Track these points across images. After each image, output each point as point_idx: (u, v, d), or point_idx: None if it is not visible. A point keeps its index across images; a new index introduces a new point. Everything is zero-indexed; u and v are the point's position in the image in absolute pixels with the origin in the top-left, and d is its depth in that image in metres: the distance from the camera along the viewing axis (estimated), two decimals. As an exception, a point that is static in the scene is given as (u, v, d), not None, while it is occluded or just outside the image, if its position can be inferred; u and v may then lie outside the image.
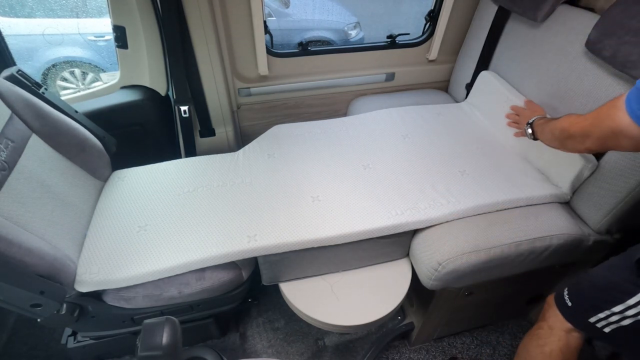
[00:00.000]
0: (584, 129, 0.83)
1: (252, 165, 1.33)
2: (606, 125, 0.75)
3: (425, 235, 1.14)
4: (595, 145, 0.81)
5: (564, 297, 0.92)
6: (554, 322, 0.94)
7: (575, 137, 0.86)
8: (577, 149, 0.90)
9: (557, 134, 0.96)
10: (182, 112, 1.46)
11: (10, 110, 0.99)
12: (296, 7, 2.86)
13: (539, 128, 1.08)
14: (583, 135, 0.83)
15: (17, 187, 0.92)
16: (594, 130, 0.79)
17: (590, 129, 0.80)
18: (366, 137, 1.46)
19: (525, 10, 1.33)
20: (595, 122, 0.79)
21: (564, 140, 0.93)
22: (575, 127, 0.86)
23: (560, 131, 0.94)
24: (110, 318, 1.10)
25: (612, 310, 0.79)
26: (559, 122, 0.95)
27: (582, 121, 0.84)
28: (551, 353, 0.91)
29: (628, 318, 0.78)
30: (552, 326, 0.94)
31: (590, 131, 0.81)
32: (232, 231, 1.09)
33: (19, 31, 2.57)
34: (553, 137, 0.99)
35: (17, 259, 0.80)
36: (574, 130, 0.87)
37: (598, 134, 0.78)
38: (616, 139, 0.74)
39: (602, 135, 0.77)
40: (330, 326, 1.12)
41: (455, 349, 1.50)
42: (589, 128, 0.81)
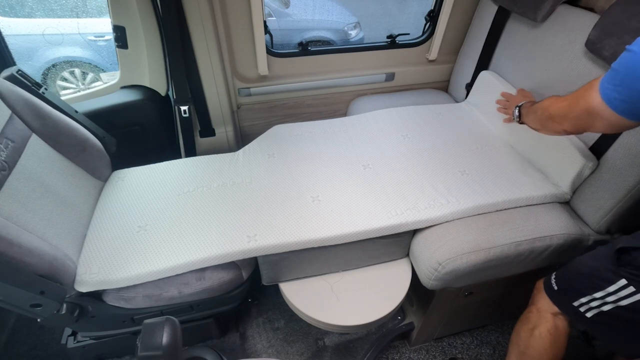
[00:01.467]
0: (562, 109, 0.84)
1: (252, 165, 1.33)
2: (581, 105, 0.77)
3: (425, 235, 1.14)
4: (572, 126, 0.83)
5: (551, 282, 0.97)
6: (542, 305, 1.00)
7: (554, 117, 0.87)
8: (555, 129, 0.90)
9: (538, 114, 0.98)
10: (182, 112, 1.46)
11: (10, 110, 0.99)
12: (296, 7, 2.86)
13: (525, 111, 1.11)
14: (561, 115, 0.84)
15: (17, 187, 0.92)
16: (571, 111, 0.81)
17: (567, 110, 0.82)
18: (366, 137, 1.46)
19: (525, 10, 1.33)
20: (572, 102, 0.81)
21: (544, 121, 0.94)
22: (554, 106, 0.88)
23: (541, 111, 0.96)
24: (110, 318, 1.10)
25: (594, 295, 0.84)
26: (541, 102, 0.98)
27: (561, 101, 0.86)
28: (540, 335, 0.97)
29: (608, 304, 0.82)
30: (540, 309, 0.99)
31: (567, 112, 0.82)
32: (232, 231, 1.09)
33: (19, 31, 2.57)
34: (535, 117, 1.01)
35: (17, 258, 0.80)
36: (553, 109, 0.89)
37: (574, 114, 0.80)
38: (590, 119, 0.76)
39: (577, 116, 0.79)
40: (330, 326, 1.12)
41: (455, 349, 1.50)
42: (566, 108, 0.83)
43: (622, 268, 0.79)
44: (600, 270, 0.83)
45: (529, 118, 1.06)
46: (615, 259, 0.80)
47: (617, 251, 0.80)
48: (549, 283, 0.98)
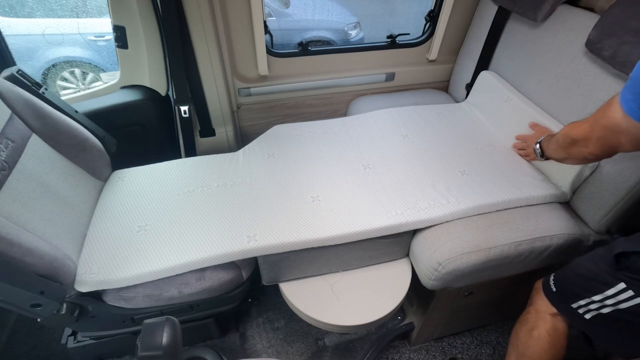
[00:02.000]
0: (584, 131, 0.81)
1: (252, 165, 1.33)
2: (603, 123, 0.75)
3: (425, 235, 1.14)
4: (597, 148, 0.79)
5: (549, 283, 0.97)
6: (540, 306, 0.99)
7: (578, 141, 0.84)
8: (582, 154, 0.85)
9: (560, 141, 0.94)
10: (182, 112, 1.46)
11: (11, 110, 0.99)
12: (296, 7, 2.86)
13: (546, 144, 1.07)
14: (584, 138, 0.81)
15: (17, 187, 0.92)
16: (593, 132, 0.78)
17: (590, 131, 0.79)
18: (366, 137, 1.46)
19: (525, 10, 1.33)
20: (593, 123, 0.78)
21: (567, 148, 0.90)
22: (575, 130, 0.85)
23: (563, 138, 0.92)
24: (110, 318, 1.10)
25: (592, 298, 0.84)
26: (560, 130, 0.95)
27: (582, 124, 0.83)
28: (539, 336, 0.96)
29: (607, 307, 0.82)
30: (539, 310, 0.99)
31: (589, 133, 0.79)
32: (232, 231, 1.09)
33: (19, 31, 2.57)
34: (558, 146, 0.96)
35: (17, 258, 0.80)
36: (574, 134, 0.85)
37: (597, 134, 0.77)
38: (615, 136, 0.73)
39: (601, 135, 0.76)
40: (330, 326, 1.12)
41: (455, 349, 1.50)
42: (588, 130, 0.80)
43: (621, 272, 0.79)
44: (599, 274, 0.83)
45: (552, 149, 1.02)
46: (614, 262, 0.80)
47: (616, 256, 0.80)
48: (548, 284, 0.98)
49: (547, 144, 1.07)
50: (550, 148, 1.03)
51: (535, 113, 1.31)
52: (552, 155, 1.04)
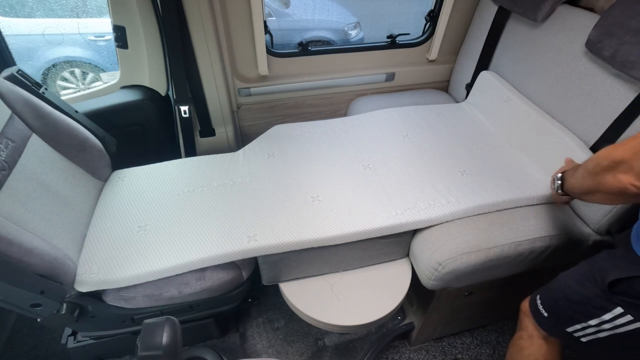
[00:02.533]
0: (634, 147, 0.63)
1: (252, 165, 1.33)
2: None
3: (425, 235, 1.14)
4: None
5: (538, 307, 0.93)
6: (532, 331, 0.96)
7: (619, 163, 0.65)
8: (619, 182, 0.65)
9: (590, 167, 0.74)
10: (182, 112, 1.46)
11: (11, 110, 0.99)
12: (296, 7, 2.86)
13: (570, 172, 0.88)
14: (631, 158, 0.62)
15: (17, 187, 0.92)
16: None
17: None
18: (366, 137, 1.46)
19: (525, 10, 1.33)
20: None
21: (599, 175, 0.71)
22: (618, 150, 0.65)
23: (596, 161, 0.72)
24: (110, 318, 1.10)
25: (589, 323, 0.81)
26: (594, 155, 0.76)
27: (630, 141, 0.64)
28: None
29: (604, 331, 0.79)
30: (532, 335, 0.96)
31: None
32: (232, 231, 1.09)
33: (19, 31, 2.57)
34: (586, 173, 0.77)
35: (17, 258, 0.80)
36: (617, 154, 0.65)
37: None
38: None
39: None
40: (330, 326, 1.12)
41: (455, 349, 1.50)
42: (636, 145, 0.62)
43: (617, 296, 0.75)
44: (592, 298, 0.79)
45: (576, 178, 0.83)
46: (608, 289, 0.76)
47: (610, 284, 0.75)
48: (537, 309, 0.94)
49: (571, 172, 0.87)
50: (575, 177, 0.84)
51: (536, 113, 1.31)
52: (574, 188, 0.85)
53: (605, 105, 1.10)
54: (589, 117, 1.15)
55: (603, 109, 1.11)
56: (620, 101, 1.06)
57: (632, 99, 1.02)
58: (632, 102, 1.02)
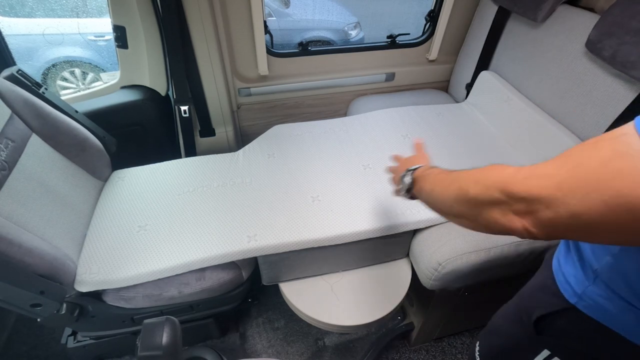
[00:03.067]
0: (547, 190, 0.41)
1: (252, 165, 1.33)
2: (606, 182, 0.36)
3: (425, 235, 1.14)
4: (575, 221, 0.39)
5: (475, 356, 0.88)
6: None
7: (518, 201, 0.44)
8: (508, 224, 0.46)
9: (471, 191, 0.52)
10: (182, 112, 1.46)
11: (11, 110, 0.99)
12: (296, 7, 2.86)
13: (424, 175, 0.73)
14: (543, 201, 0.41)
15: (17, 187, 0.92)
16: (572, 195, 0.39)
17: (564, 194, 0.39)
18: (366, 137, 1.46)
19: (526, 11, 1.33)
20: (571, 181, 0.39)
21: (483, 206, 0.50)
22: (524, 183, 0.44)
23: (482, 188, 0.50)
24: (110, 318, 1.10)
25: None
26: (474, 173, 0.55)
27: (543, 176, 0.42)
28: None
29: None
30: None
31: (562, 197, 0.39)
32: (232, 231, 1.09)
33: (19, 31, 2.57)
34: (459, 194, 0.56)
35: (17, 258, 0.80)
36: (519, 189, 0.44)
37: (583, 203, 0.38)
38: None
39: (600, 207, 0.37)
40: (330, 326, 1.12)
41: (455, 349, 1.50)
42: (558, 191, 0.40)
43: (542, 337, 0.68)
44: (522, 341, 0.73)
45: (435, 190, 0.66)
46: (534, 328, 0.69)
47: (535, 322, 0.68)
48: (473, 356, 0.89)
49: (428, 178, 0.71)
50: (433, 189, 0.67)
51: (535, 113, 1.31)
52: (427, 200, 0.69)
53: (605, 105, 1.10)
54: (589, 117, 1.15)
55: (603, 109, 1.11)
56: (620, 101, 1.06)
57: (632, 99, 1.02)
58: (632, 102, 1.02)
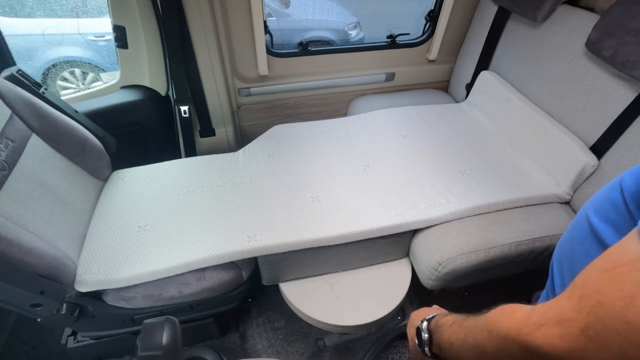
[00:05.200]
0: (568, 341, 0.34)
1: (252, 165, 1.33)
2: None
3: (425, 235, 1.14)
4: None
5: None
6: None
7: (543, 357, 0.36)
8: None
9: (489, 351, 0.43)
10: (182, 112, 1.46)
11: (10, 110, 0.99)
12: (296, 7, 2.86)
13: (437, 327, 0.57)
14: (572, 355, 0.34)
15: (17, 187, 0.92)
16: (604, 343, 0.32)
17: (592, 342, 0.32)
18: (366, 137, 1.46)
19: (526, 11, 1.33)
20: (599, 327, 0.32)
21: None
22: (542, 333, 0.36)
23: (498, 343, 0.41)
24: (110, 318, 1.10)
25: None
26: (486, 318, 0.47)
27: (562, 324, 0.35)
28: None
29: None
30: None
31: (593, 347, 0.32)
32: (232, 231, 1.09)
33: (19, 31, 2.57)
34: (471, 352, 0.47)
35: (17, 258, 0.80)
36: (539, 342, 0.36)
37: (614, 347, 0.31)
38: None
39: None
40: (330, 326, 1.12)
41: (455, 349, 1.50)
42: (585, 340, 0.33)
43: None
44: None
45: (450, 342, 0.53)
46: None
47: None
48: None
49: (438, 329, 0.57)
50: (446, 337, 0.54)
51: (535, 113, 1.31)
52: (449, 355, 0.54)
53: (605, 105, 1.10)
54: (589, 117, 1.15)
55: (603, 109, 1.11)
56: (620, 101, 1.06)
57: (632, 99, 1.02)
58: (632, 102, 1.02)
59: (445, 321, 0.56)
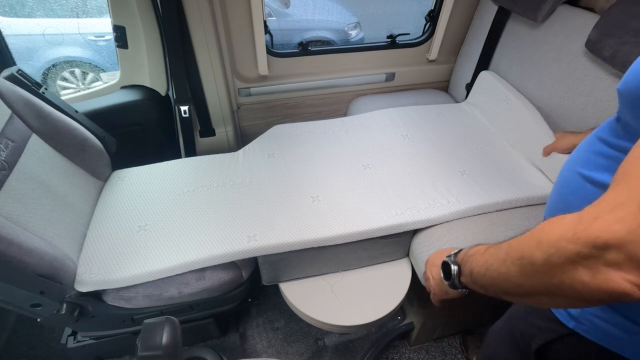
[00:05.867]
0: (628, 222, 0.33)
1: (252, 165, 1.33)
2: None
3: (425, 235, 1.14)
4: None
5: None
6: None
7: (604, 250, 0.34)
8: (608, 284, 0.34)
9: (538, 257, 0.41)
10: (182, 112, 1.46)
11: (11, 110, 0.99)
12: (296, 7, 2.86)
13: (468, 257, 0.57)
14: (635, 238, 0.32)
15: (17, 187, 0.92)
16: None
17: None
18: (366, 137, 1.46)
19: (525, 11, 1.33)
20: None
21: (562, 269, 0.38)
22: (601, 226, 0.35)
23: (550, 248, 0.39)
24: (110, 318, 1.10)
25: None
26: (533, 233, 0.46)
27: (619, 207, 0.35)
28: None
29: None
30: None
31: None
32: (232, 231, 1.09)
33: (19, 31, 2.57)
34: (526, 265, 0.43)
35: (17, 258, 0.80)
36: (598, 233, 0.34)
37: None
38: None
39: None
40: (330, 326, 1.12)
41: (455, 349, 1.50)
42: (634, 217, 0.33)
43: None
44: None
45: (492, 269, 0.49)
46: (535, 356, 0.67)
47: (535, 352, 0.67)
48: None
49: (470, 259, 0.56)
50: (489, 267, 0.50)
51: (535, 113, 1.31)
52: (484, 285, 0.52)
53: (605, 105, 1.10)
54: (589, 117, 1.15)
55: (603, 109, 1.11)
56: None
57: (632, 99, 1.02)
58: (632, 102, 1.02)
59: (477, 250, 0.55)
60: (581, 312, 0.58)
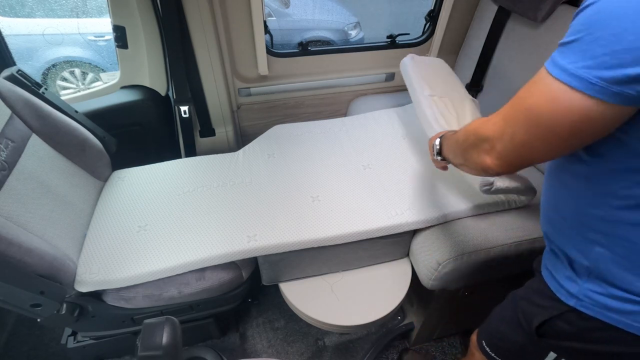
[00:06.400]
0: (496, 125, 0.56)
1: (252, 165, 1.33)
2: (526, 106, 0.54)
3: (425, 235, 1.14)
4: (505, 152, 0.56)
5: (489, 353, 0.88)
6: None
7: (485, 140, 0.59)
8: (481, 161, 0.60)
9: (461, 139, 0.68)
10: (182, 112, 1.46)
11: (10, 110, 0.99)
12: (296, 7, 2.86)
13: (447, 139, 0.80)
14: (496, 136, 0.56)
15: (17, 187, 0.92)
16: (511, 123, 0.54)
17: (506, 123, 0.55)
18: (366, 137, 1.46)
19: (526, 10, 1.32)
20: (510, 111, 0.55)
21: (467, 150, 0.65)
22: (486, 125, 0.59)
23: (465, 134, 0.66)
24: (110, 318, 1.10)
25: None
26: (469, 124, 0.68)
27: (495, 116, 0.58)
28: None
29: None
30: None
31: (505, 126, 0.55)
32: (232, 231, 1.09)
33: (19, 31, 2.57)
34: (456, 145, 0.72)
35: (17, 258, 0.80)
36: (484, 130, 0.59)
37: (516, 126, 0.53)
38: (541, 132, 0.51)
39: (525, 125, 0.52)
40: (330, 326, 1.12)
41: (455, 349, 1.50)
42: (503, 123, 0.55)
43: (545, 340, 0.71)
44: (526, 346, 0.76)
45: (450, 146, 0.76)
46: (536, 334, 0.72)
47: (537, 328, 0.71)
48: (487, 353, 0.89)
49: (448, 139, 0.79)
50: (449, 145, 0.77)
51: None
52: (448, 156, 0.79)
53: (605, 105, 1.10)
54: (589, 117, 1.15)
55: (603, 109, 1.10)
56: (620, 101, 1.05)
57: (632, 99, 1.02)
58: (632, 102, 1.02)
59: (450, 135, 0.78)
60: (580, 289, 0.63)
